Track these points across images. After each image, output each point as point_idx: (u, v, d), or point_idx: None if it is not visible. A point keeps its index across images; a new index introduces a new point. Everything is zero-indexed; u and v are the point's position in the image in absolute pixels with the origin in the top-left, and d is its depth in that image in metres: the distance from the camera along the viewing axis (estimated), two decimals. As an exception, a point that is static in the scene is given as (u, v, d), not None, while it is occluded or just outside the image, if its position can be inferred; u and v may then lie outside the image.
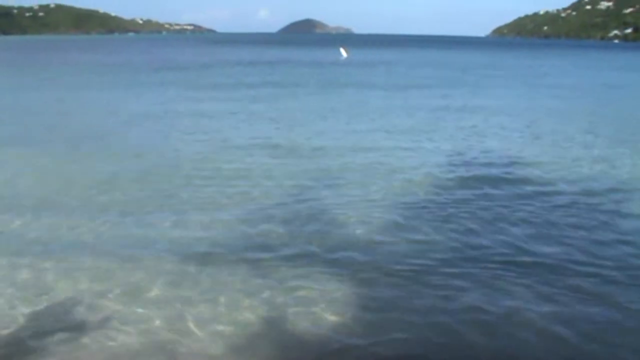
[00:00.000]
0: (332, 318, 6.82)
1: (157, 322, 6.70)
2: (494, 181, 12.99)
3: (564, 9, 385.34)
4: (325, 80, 38.37)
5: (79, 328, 6.52)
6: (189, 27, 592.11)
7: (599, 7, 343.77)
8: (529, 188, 12.55)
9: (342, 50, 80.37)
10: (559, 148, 17.06)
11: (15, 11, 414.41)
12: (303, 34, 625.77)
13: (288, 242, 9.08)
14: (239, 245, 8.93)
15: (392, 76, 43.37)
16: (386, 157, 15.35)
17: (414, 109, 24.82)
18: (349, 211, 10.64)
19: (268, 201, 11.25)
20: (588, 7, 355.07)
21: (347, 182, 12.74)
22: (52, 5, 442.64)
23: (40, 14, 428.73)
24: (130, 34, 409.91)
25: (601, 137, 19.02)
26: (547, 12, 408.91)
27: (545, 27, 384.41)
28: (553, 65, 65.01)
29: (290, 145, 16.84)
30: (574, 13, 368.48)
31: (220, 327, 6.60)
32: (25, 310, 6.91)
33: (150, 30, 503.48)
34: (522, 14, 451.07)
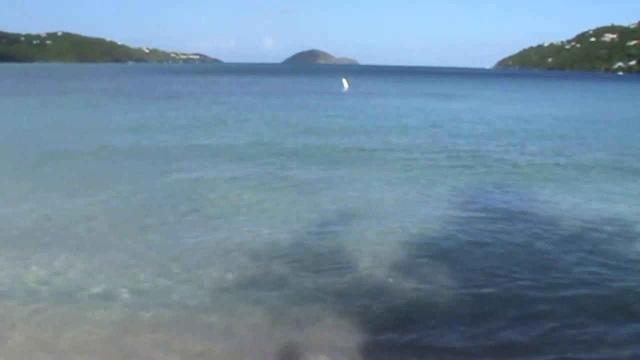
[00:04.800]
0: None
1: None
2: (508, 219, 12.56)
3: (569, 41, 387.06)
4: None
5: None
6: (194, 57, 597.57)
7: (603, 39, 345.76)
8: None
9: (344, 81, 79.95)
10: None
11: (22, 39, 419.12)
12: (308, 64, 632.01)
13: (297, 279, 8.93)
14: (247, 283, 8.76)
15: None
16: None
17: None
18: (358, 249, 10.37)
19: (277, 234, 11.05)
20: (592, 39, 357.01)
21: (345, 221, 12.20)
22: (60, 34, 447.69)
23: (48, 41, 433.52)
24: (130, 63, 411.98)
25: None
26: (551, 44, 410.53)
27: (550, 59, 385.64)
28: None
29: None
30: (578, 45, 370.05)
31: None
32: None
33: (156, 59, 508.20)
34: (526, 46, 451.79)
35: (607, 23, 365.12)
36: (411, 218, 12.38)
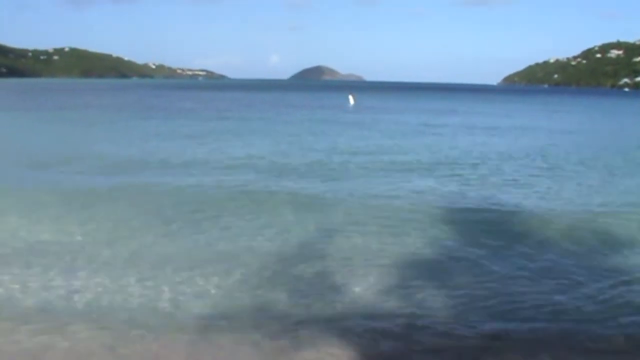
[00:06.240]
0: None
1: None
2: (495, 234, 12.55)
3: (575, 57, 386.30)
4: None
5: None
6: (201, 73, 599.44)
7: (609, 55, 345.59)
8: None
9: (350, 98, 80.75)
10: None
11: (30, 54, 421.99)
12: (314, 80, 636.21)
13: (290, 303, 8.83)
14: (240, 307, 8.62)
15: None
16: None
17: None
18: (348, 270, 10.28)
19: (267, 256, 10.86)
20: (598, 55, 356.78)
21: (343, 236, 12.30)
22: (67, 49, 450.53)
23: (55, 57, 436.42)
24: (134, 78, 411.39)
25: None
26: (557, 60, 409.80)
27: (556, 75, 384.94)
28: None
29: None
30: (584, 61, 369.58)
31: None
32: None
33: (162, 75, 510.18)
34: (532, 62, 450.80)
35: (613, 39, 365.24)
36: (403, 237, 12.25)
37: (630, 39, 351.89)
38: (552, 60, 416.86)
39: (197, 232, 12.50)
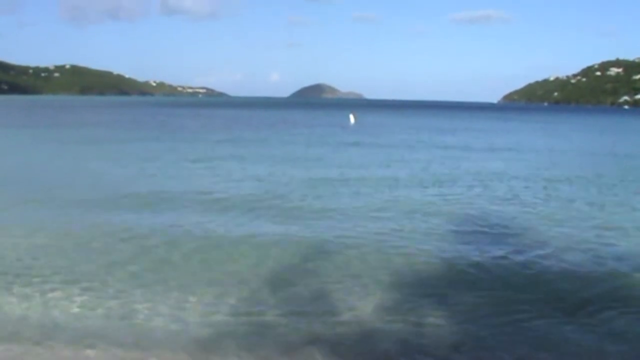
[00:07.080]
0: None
1: None
2: (494, 256, 12.32)
3: (574, 75, 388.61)
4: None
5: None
6: (201, 90, 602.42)
7: (608, 73, 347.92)
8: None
9: (351, 116, 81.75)
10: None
11: (30, 71, 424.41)
12: (314, 98, 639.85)
13: (286, 324, 8.71)
14: (238, 330, 8.50)
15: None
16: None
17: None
18: (348, 290, 10.19)
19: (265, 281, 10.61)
20: (598, 73, 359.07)
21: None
22: (67, 66, 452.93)
23: (56, 74, 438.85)
24: (134, 96, 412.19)
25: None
26: (557, 78, 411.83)
27: (556, 93, 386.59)
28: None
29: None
30: (584, 79, 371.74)
31: None
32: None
33: (163, 92, 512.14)
34: (532, 80, 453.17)
35: (613, 57, 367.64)
36: (398, 257, 12.12)
37: (630, 56, 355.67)
38: (551, 78, 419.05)
39: (196, 263, 11.91)
